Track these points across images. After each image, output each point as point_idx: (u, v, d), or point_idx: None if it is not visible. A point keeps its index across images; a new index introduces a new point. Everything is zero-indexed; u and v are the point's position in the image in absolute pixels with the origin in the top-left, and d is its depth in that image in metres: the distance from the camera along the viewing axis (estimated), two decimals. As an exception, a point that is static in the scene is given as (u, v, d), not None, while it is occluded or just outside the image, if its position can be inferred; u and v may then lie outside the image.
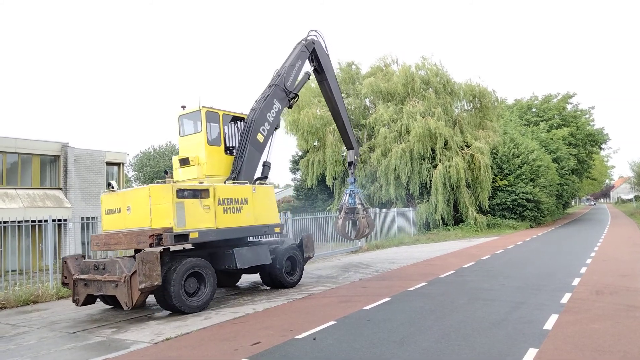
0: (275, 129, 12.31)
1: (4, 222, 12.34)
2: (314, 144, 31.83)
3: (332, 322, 7.50)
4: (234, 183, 10.62)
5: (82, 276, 9.29)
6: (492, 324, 7.07)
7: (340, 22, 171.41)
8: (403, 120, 28.07)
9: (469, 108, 33.03)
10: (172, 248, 9.68)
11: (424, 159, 27.91)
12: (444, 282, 11.09)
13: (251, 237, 11.55)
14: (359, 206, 14.86)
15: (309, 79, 14.13)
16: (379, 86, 30.16)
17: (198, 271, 9.18)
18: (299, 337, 6.75)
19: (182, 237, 8.95)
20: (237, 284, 12.50)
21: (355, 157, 15.64)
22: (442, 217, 27.60)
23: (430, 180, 27.53)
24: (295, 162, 39.59)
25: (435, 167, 27.74)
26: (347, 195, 15.23)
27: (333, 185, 30.70)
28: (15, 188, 20.27)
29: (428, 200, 27.81)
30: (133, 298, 8.23)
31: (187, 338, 7.12)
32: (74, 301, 9.56)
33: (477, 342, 6.14)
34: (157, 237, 8.64)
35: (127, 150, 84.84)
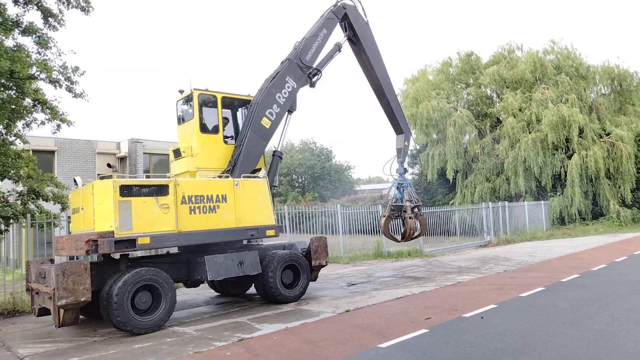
0: (290, 112, 10.74)
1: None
2: (434, 136, 31.85)
3: (493, 305, 8.08)
4: (220, 177, 9.28)
5: (33, 285, 8.37)
6: (665, 313, 7.08)
7: (456, 11, 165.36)
8: (532, 109, 26.96)
9: (607, 92, 30.48)
10: (140, 254, 9.05)
11: (556, 149, 26.51)
12: (597, 275, 10.92)
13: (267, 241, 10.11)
14: (407, 203, 12.65)
15: (339, 51, 11.88)
16: (503, 74, 29.24)
17: (151, 284, 7.72)
18: (466, 315, 7.47)
19: (127, 243, 7.52)
20: (246, 293, 11.04)
21: (406, 143, 13.24)
22: (578, 211, 25.98)
23: (565, 172, 26.07)
24: (413, 156, 39.77)
25: (569, 157, 26.19)
26: (394, 189, 13.05)
27: (454, 179, 30.46)
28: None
29: (562, 193, 26.35)
30: (59, 315, 7.10)
31: (363, 311, 8.27)
32: (32, 311, 8.69)
33: (653, 328, 6.30)
34: (94, 243, 7.39)
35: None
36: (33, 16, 15.33)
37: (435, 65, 32.99)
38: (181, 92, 10.25)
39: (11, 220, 10.49)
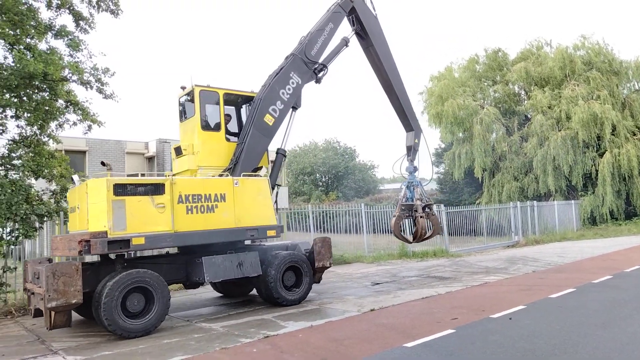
0: (294, 108, 10.39)
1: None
2: (459, 135, 31.39)
3: (521, 306, 7.91)
4: (221, 175, 9.09)
5: (28, 285, 8.33)
6: None
7: (484, 7, 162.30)
8: (562, 106, 26.30)
9: (642, 88, 29.44)
10: (139, 254, 8.89)
11: (587, 147, 25.81)
12: (631, 276, 10.58)
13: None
14: (418, 202, 12.29)
15: (346, 46, 11.47)
16: (530, 71, 28.61)
17: (143, 286, 7.45)
18: (494, 316, 7.34)
19: (121, 243, 7.32)
20: (249, 293, 10.70)
21: (416, 141, 12.74)
22: (610, 211, 25.23)
23: (597, 171, 25.34)
24: (439, 155, 39.30)
25: (601, 155, 25.46)
26: (405, 188, 12.69)
27: (482, 178, 29.95)
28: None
29: (594, 192, 25.64)
30: (50, 317, 6.97)
31: (388, 310, 8.22)
32: (28, 312, 8.56)
33: (692, 332, 6.07)
34: (86, 243, 7.21)
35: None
36: (65, 19, 15.84)
37: (461, 62, 32.53)
38: (183, 88, 10.06)
39: (45, 218, 10.84)
